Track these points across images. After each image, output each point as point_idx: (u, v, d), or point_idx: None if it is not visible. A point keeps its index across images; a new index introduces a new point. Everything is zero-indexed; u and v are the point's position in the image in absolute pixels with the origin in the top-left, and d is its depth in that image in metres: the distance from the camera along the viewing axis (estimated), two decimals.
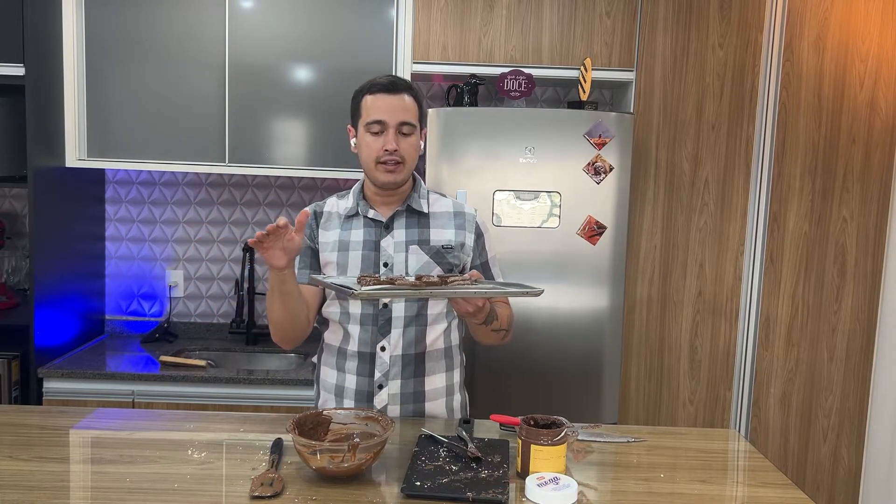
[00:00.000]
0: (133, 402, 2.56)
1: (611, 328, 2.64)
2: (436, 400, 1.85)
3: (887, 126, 2.75)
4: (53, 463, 1.49)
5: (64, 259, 2.78)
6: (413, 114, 1.77)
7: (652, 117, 2.73)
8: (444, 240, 1.82)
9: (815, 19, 2.71)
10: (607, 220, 2.59)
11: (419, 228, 1.83)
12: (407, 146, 1.76)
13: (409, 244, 1.80)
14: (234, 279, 3.13)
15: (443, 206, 1.88)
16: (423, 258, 1.79)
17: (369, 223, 1.82)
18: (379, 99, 1.75)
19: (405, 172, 1.78)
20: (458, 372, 1.91)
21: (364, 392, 1.81)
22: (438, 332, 1.83)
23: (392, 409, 1.80)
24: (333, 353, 1.85)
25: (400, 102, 1.75)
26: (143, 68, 2.72)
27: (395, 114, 1.74)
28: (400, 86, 1.76)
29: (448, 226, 1.84)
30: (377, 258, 1.79)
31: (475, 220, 1.88)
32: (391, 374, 1.80)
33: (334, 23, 2.72)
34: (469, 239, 1.85)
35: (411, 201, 1.83)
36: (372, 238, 1.81)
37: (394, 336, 1.79)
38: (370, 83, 1.78)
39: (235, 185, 3.12)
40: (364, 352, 1.80)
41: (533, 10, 2.70)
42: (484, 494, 1.35)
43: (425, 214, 1.84)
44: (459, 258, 1.83)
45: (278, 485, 1.39)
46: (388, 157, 1.74)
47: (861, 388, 2.85)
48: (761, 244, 2.79)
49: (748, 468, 1.67)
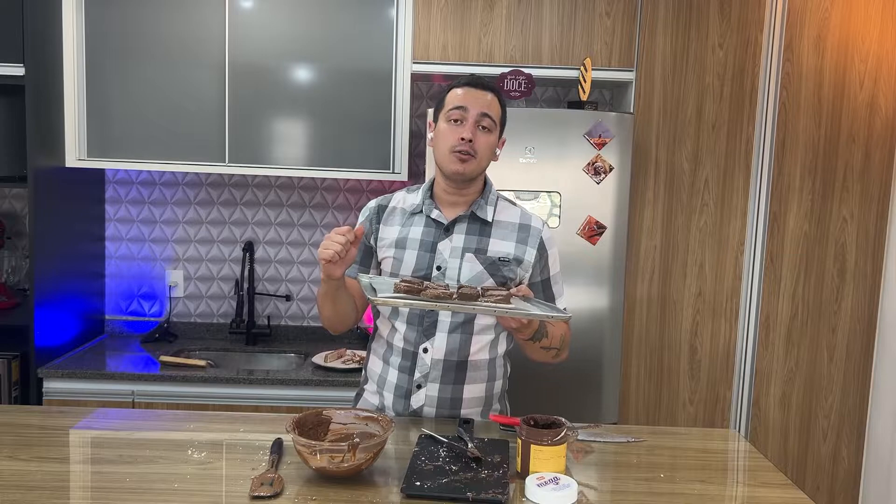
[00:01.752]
0: (133, 402, 2.56)
1: (611, 328, 2.64)
2: (472, 408, 1.83)
3: (887, 126, 2.75)
4: (53, 463, 1.49)
5: (64, 259, 2.78)
6: (496, 111, 1.77)
7: (652, 117, 2.72)
8: (502, 252, 1.79)
9: (815, 19, 2.71)
10: (607, 220, 2.59)
11: (479, 236, 1.80)
12: (483, 141, 1.75)
13: (465, 251, 1.78)
14: (234, 279, 3.13)
15: (509, 215, 1.84)
16: (477, 267, 1.77)
17: (430, 223, 1.81)
18: (464, 90, 1.77)
19: (476, 167, 1.76)
20: (499, 383, 1.88)
21: (403, 388, 1.81)
22: (484, 342, 1.81)
23: (428, 410, 1.80)
24: (382, 344, 1.86)
25: (484, 97, 1.76)
26: (143, 68, 2.72)
27: (478, 105, 1.74)
28: (487, 84, 1.79)
29: (510, 238, 1.81)
30: (432, 260, 1.77)
31: (540, 235, 1.83)
32: (431, 377, 1.79)
33: (334, 23, 2.72)
34: (530, 254, 1.81)
35: (476, 207, 1.81)
36: (430, 239, 1.79)
37: (437, 340, 1.78)
38: (459, 79, 1.81)
39: (235, 185, 3.12)
40: (408, 349, 1.80)
41: (533, 10, 2.70)
42: (484, 494, 1.35)
43: (488, 223, 1.81)
44: (515, 272, 1.79)
45: (278, 485, 1.39)
46: (463, 146, 1.72)
47: (861, 388, 2.85)
48: (761, 244, 2.79)
49: (748, 468, 1.67)
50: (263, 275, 3.14)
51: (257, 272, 3.12)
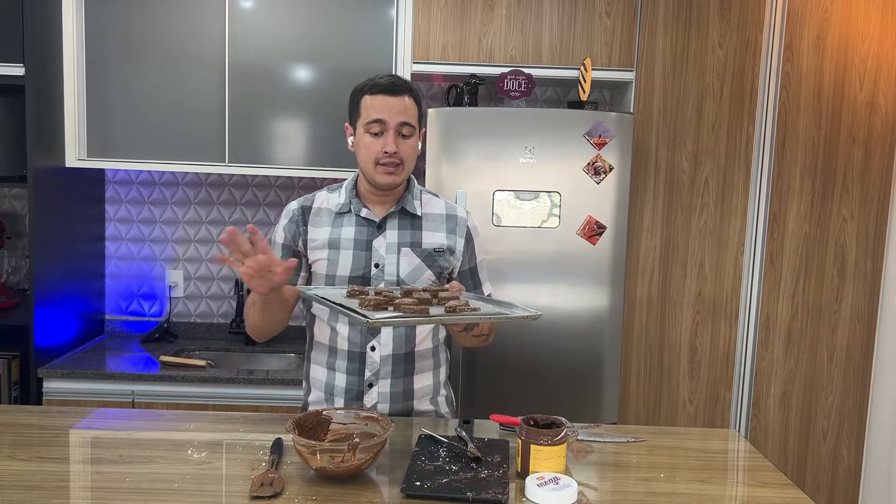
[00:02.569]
0: (133, 402, 2.56)
1: (611, 328, 2.64)
2: (423, 398, 1.86)
3: (887, 126, 2.75)
4: (53, 463, 1.49)
5: (64, 259, 2.78)
6: (413, 115, 1.76)
7: (652, 117, 2.72)
8: (435, 243, 1.82)
9: (815, 19, 2.71)
10: (607, 220, 2.59)
11: (412, 230, 1.82)
12: (406, 148, 1.75)
13: (401, 246, 1.80)
14: (233, 279, 3.13)
15: (435, 207, 1.87)
16: (414, 261, 1.79)
17: (361, 222, 1.81)
18: (379, 100, 1.73)
19: (404, 174, 1.78)
20: (443, 370, 1.92)
21: (354, 391, 1.81)
22: (426, 331, 1.84)
23: (381, 406, 1.81)
24: (323, 350, 1.85)
25: (400, 103, 1.73)
26: (143, 68, 2.72)
27: (396, 115, 1.73)
28: (400, 87, 1.75)
29: (440, 228, 1.84)
30: (368, 258, 1.79)
31: (466, 224, 1.88)
32: (381, 374, 1.80)
33: (334, 23, 2.72)
34: (459, 244, 1.85)
35: (405, 203, 1.82)
36: (364, 237, 1.80)
37: (384, 336, 1.79)
38: (370, 82, 1.76)
39: (235, 185, 3.12)
40: (354, 351, 1.80)
41: (533, 10, 2.70)
42: (484, 494, 1.35)
43: (418, 216, 1.83)
44: (449, 262, 1.84)
45: (278, 485, 1.39)
46: (388, 158, 1.73)
47: (861, 388, 2.85)
48: (761, 244, 2.79)
49: (748, 468, 1.67)
50: None
51: None
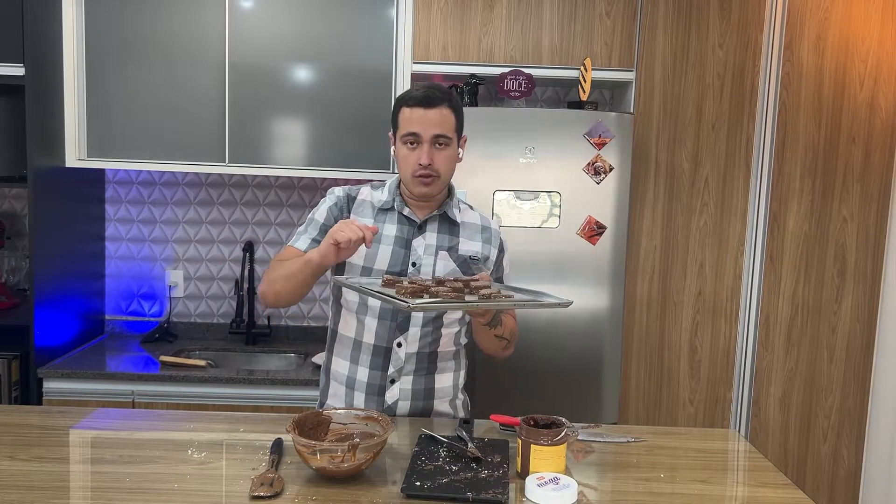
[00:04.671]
0: (133, 403, 2.56)
1: (611, 328, 2.64)
2: (443, 398, 1.88)
3: (887, 126, 2.75)
4: (53, 463, 1.49)
5: (64, 259, 2.78)
6: (449, 126, 1.76)
7: (652, 117, 2.72)
8: (472, 251, 1.85)
9: (815, 19, 2.71)
10: (607, 220, 2.59)
11: (450, 236, 1.85)
12: (442, 159, 1.76)
13: (438, 249, 1.82)
14: (233, 279, 3.13)
15: (471, 217, 1.91)
16: (450, 265, 1.82)
17: (403, 220, 1.83)
18: (414, 112, 1.74)
19: (441, 185, 1.79)
20: (462, 373, 1.95)
21: (376, 386, 1.82)
22: (451, 333, 1.87)
23: (402, 404, 1.82)
24: (347, 344, 1.85)
25: (435, 116, 1.74)
26: (143, 68, 2.72)
27: (430, 127, 1.73)
28: (435, 98, 1.74)
29: (476, 238, 1.88)
30: (406, 256, 1.80)
31: (499, 237, 1.93)
32: (405, 370, 1.82)
33: (334, 23, 2.72)
34: (493, 254, 1.89)
35: (447, 208, 1.85)
36: (404, 236, 1.82)
37: (412, 333, 1.81)
38: (407, 94, 1.78)
39: (235, 185, 3.12)
40: (380, 346, 1.81)
41: (533, 10, 2.70)
42: (484, 494, 1.35)
43: (457, 223, 1.86)
44: (481, 270, 1.86)
45: (278, 485, 1.39)
46: (423, 171, 1.74)
47: (861, 388, 2.85)
48: (761, 244, 2.79)
49: (748, 468, 1.67)
50: (263, 275, 3.13)
51: (257, 272, 3.11)
